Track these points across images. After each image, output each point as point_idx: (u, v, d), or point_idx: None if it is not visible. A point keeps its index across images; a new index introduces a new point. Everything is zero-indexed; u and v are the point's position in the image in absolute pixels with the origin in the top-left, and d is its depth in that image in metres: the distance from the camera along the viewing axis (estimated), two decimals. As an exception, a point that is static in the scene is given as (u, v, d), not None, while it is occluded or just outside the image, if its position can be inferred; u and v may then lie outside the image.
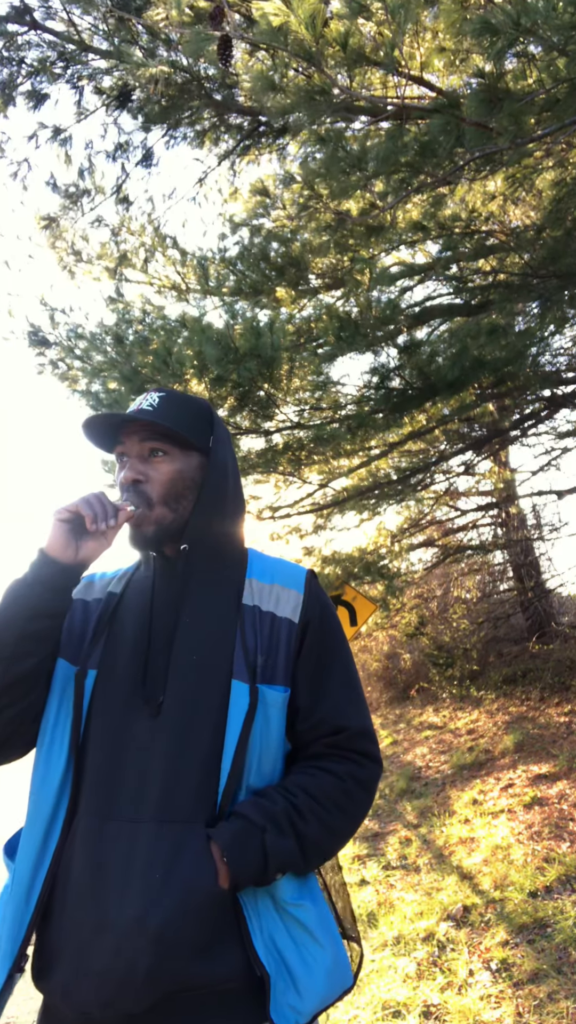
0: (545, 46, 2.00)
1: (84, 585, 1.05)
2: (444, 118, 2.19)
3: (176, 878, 0.79)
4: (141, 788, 0.84)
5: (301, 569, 1.04)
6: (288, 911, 0.86)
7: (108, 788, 0.85)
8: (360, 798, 0.93)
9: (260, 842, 0.82)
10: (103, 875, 0.80)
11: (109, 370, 3.80)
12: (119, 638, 0.95)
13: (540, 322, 3.94)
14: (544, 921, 2.48)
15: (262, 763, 0.89)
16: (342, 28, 1.99)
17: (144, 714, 0.87)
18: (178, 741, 0.86)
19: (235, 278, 4.15)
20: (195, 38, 1.68)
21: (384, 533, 7.16)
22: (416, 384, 3.91)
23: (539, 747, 4.78)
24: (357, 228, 3.36)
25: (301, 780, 0.90)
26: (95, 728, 0.89)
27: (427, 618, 8.76)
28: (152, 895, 0.77)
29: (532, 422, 5.91)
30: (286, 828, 0.84)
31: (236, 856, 0.81)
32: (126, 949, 0.75)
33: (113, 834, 0.82)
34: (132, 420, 0.97)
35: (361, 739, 0.95)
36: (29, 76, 3.98)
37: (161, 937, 0.76)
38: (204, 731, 0.87)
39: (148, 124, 4.07)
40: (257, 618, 0.95)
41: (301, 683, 0.94)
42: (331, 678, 0.97)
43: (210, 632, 0.93)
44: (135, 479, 0.96)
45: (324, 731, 0.94)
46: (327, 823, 0.88)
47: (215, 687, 0.89)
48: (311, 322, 3.85)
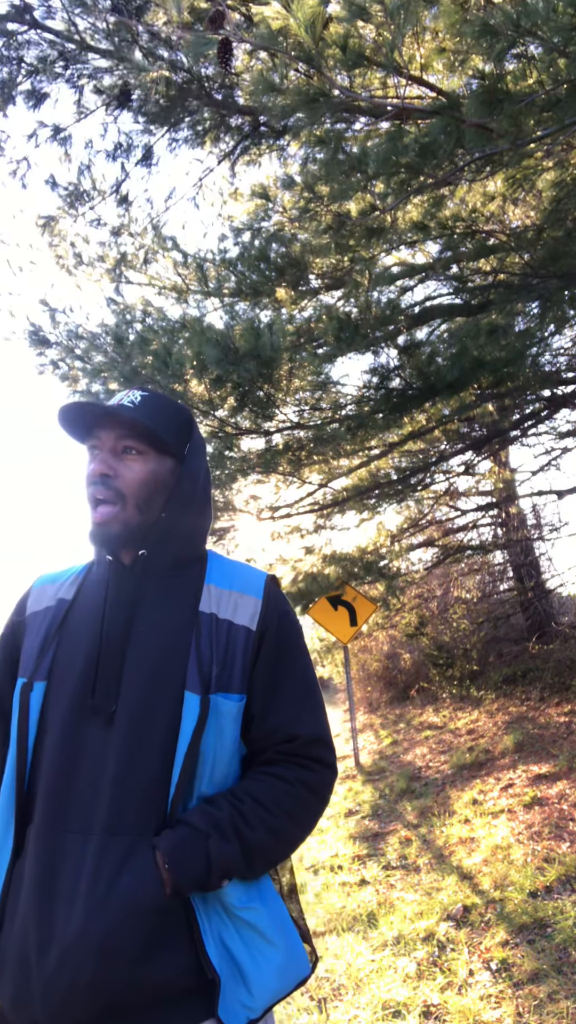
0: (545, 47, 2.00)
1: (36, 593, 1.03)
2: (444, 119, 2.19)
3: (119, 889, 0.80)
4: (92, 800, 0.84)
5: (261, 574, 1.03)
6: (237, 914, 0.87)
7: (60, 800, 0.85)
8: (310, 803, 0.93)
9: (203, 848, 0.83)
10: (51, 888, 0.81)
11: (109, 370, 3.81)
12: (70, 647, 0.93)
13: (540, 322, 3.95)
14: (544, 921, 2.49)
15: (215, 772, 0.89)
16: (341, 30, 1.99)
17: (95, 725, 0.87)
18: (129, 753, 0.85)
19: (235, 279, 4.15)
20: (195, 41, 1.68)
21: (384, 533, 7.17)
22: (416, 384, 3.92)
23: (539, 747, 4.78)
24: (357, 229, 3.36)
25: (249, 786, 0.90)
26: (46, 740, 0.88)
27: (427, 618, 8.76)
28: (95, 907, 0.78)
29: (532, 422, 5.92)
30: (230, 834, 0.85)
31: (177, 863, 0.82)
32: (69, 961, 0.77)
33: (64, 846, 0.82)
34: (110, 414, 0.95)
35: (314, 746, 0.95)
36: (29, 75, 3.98)
37: (102, 948, 0.77)
38: (155, 743, 0.86)
39: (148, 124, 4.07)
40: (214, 626, 0.94)
41: (256, 691, 0.93)
42: (286, 686, 0.96)
43: (163, 642, 0.92)
44: (104, 472, 0.94)
45: (277, 738, 0.94)
46: (274, 828, 0.88)
47: (167, 698, 0.88)
48: (311, 323, 3.86)
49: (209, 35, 1.71)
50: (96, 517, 0.93)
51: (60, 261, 4.91)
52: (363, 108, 2.89)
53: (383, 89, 3.31)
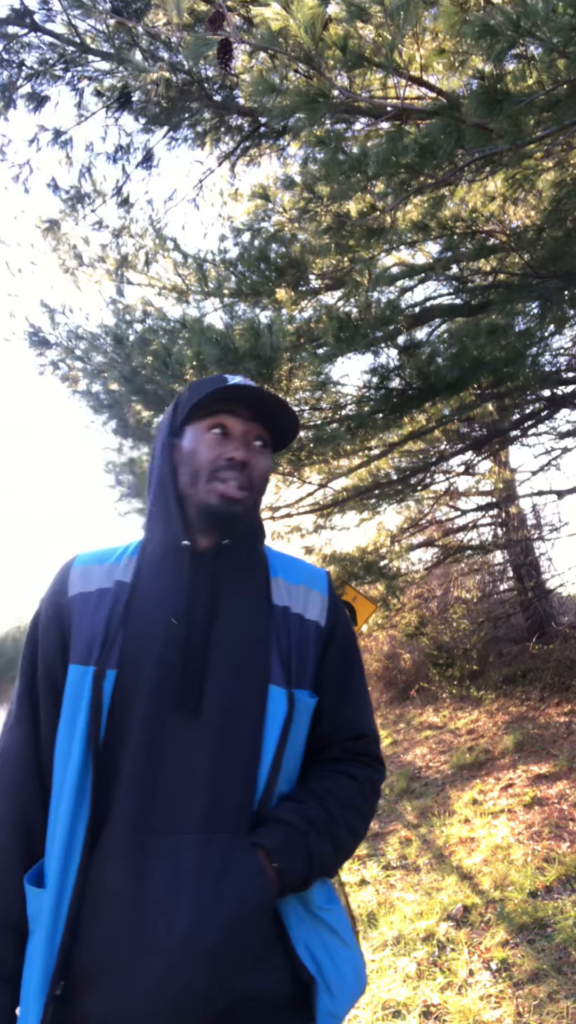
0: (545, 47, 2.00)
1: (80, 573, 0.94)
2: (444, 119, 2.20)
3: (227, 891, 0.75)
4: (182, 798, 0.79)
5: (320, 570, 1.03)
6: (318, 916, 0.85)
7: (144, 798, 0.79)
8: (373, 802, 0.94)
9: (305, 847, 0.81)
10: (144, 891, 0.75)
11: (109, 371, 3.81)
12: (142, 634, 0.87)
13: (540, 322, 3.95)
14: (544, 921, 2.49)
15: (292, 768, 0.89)
16: (341, 31, 1.99)
17: (179, 719, 0.82)
18: (222, 748, 0.82)
19: (235, 279, 4.16)
20: (195, 42, 1.69)
21: (384, 533, 7.17)
22: (416, 384, 3.92)
23: (539, 747, 4.78)
24: (357, 229, 3.37)
25: (327, 784, 0.89)
26: (121, 734, 0.82)
27: (427, 618, 8.76)
28: (204, 910, 0.74)
29: (532, 422, 5.92)
30: (324, 832, 0.84)
31: (285, 862, 0.79)
32: (179, 968, 0.71)
33: (154, 847, 0.77)
34: (278, 407, 0.92)
35: (375, 744, 0.97)
36: (29, 78, 3.99)
37: (216, 953, 0.72)
38: (245, 738, 0.83)
39: (148, 126, 4.07)
40: (288, 620, 0.93)
41: (325, 688, 0.93)
42: (353, 683, 0.97)
43: (247, 633, 0.89)
44: (245, 460, 0.91)
45: (344, 736, 0.94)
46: (352, 827, 0.89)
47: (253, 692, 0.85)
48: (311, 322, 3.86)
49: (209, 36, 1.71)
50: (229, 490, 0.89)
51: (62, 264, 4.92)
52: (363, 109, 2.89)
53: (383, 89, 3.32)
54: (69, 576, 0.94)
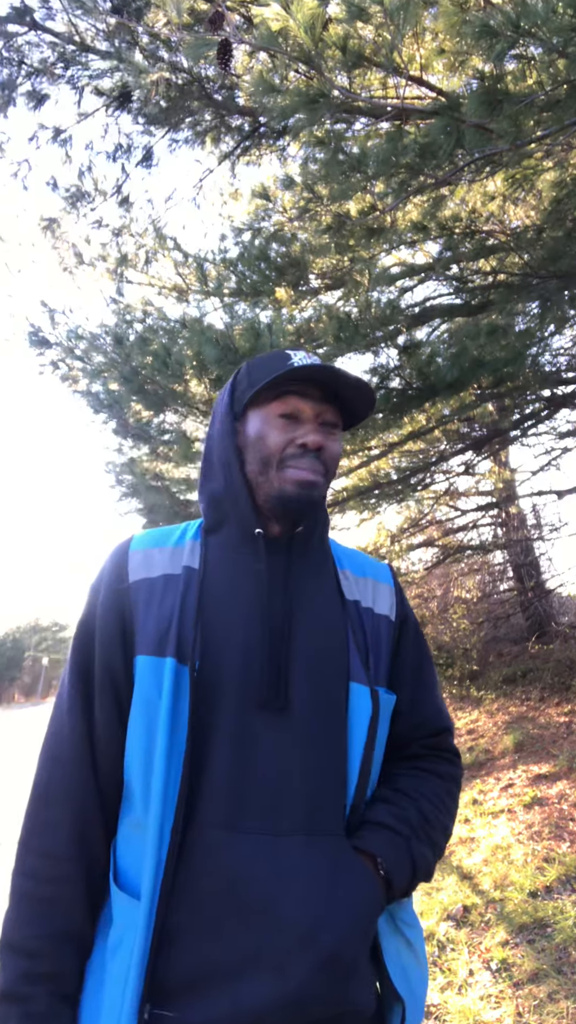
0: (545, 48, 2.00)
1: (139, 557, 0.87)
2: (444, 120, 2.20)
3: (341, 894, 0.71)
4: (276, 797, 0.74)
5: (384, 564, 1.00)
6: (403, 931, 0.80)
7: (236, 798, 0.74)
8: (458, 795, 0.91)
9: (408, 852, 0.78)
10: (246, 894, 0.70)
11: (109, 370, 3.81)
12: (220, 624, 0.81)
13: (540, 322, 3.95)
14: (544, 921, 2.49)
15: (377, 769, 0.85)
16: (341, 31, 1.99)
17: (266, 717, 0.77)
18: (313, 747, 0.77)
19: (235, 279, 4.16)
20: (195, 42, 1.69)
21: (384, 533, 7.17)
22: (416, 384, 3.92)
23: (539, 747, 4.78)
24: (357, 229, 3.37)
25: (416, 784, 0.86)
26: (206, 730, 0.76)
27: (427, 618, 8.76)
28: (320, 913, 0.69)
29: (532, 422, 5.92)
30: (423, 836, 0.80)
31: (392, 868, 0.76)
32: (294, 974, 0.67)
33: (249, 848, 0.71)
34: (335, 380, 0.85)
35: (452, 738, 0.94)
36: (29, 76, 3.99)
37: (335, 960, 0.68)
38: (332, 737, 0.79)
39: (148, 125, 4.07)
40: (361, 614, 0.89)
41: (402, 684, 0.89)
42: (428, 677, 0.93)
43: (325, 627, 0.84)
44: (321, 445, 0.85)
45: (425, 732, 0.91)
46: (445, 828, 0.85)
47: (337, 690, 0.81)
48: (311, 323, 3.86)
49: (209, 36, 1.71)
50: (305, 476, 0.83)
51: (61, 262, 4.92)
52: (363, 109, 2.89)
53: (383, 89, 3.31)
54: (128, 561, 0.87)
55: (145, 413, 4.19)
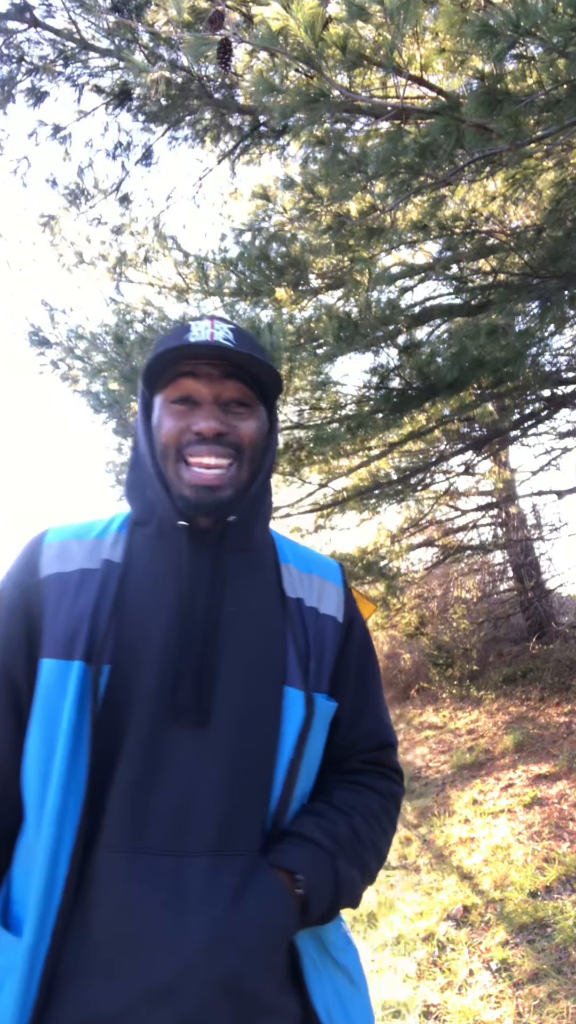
0: (545, 47, 2.00)
1: (55, 549, 0.78)
2: (444, 119, 2.19)
3: (247, 912, 0.64)
4: (184, 816, 0.67)
5: (333, 561, 0.91)
6: (334, 956, 0.74)
7: (138, 818, 0.66)
8: (396, 816, 0.84)
9: (332, 871, 0.70)
10: (139, 923, 0.62)
11: (109, 370, 3.81)
12: (136, 625, 0.73)
13: (540, 322, 3.95)
14: (544, 921, 2.49)
15: (308, 782, 0.77)
16: (341, 31, 1.99)
17: (183, 724, 0.70)
18: (233, 758, 0.70)
19: (235, 279, 4.16)
20: (195, 41, 1.68)
21: (384, 533, 7.18)
22: (416, 384, 3.92)
23: (539, 747, 4.78)
24: (357, 229, 3.37)
25: (350, 799, 0.78)
26: (112, 743, 0.69)
27: (427, 618, 8.76)
28: (220, 932, 0.62)
29: (532, 422, 5.92)
30: (351, 855, 0.73)
31: (311, 888, 0.68)
32: (186, 1000, 0.60)
33: (147, 871, 0.64)
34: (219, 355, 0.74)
35: (395, 755, 0.87)
36: (29, 74, 3.99)
37: (236, 982, 0.61)
38: (258, 747, 0.72)
39: (148, 123, 4.07)
40: (303, 613, 0.80)
41: (343, 692, 0.82)
42: (372, 688, 0.86)
43: (259, 627, 0.77)
44: (221, 431, 0.75)
45: (365, 746, 0.83)
46: (377, 848, 0.77)
47: (268, 696, 0.74)
48: (311, 322, 3.86)
49: (209, 35, 1.71)
50: (206, 478, 0.74)
51: (60, 260, 4.91)
52: (363, 108, 2.89)
53: (383, 89, 3.31)
54: (41, 553, 0.78)
55: (145, 413, 4.18)
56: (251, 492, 0.80)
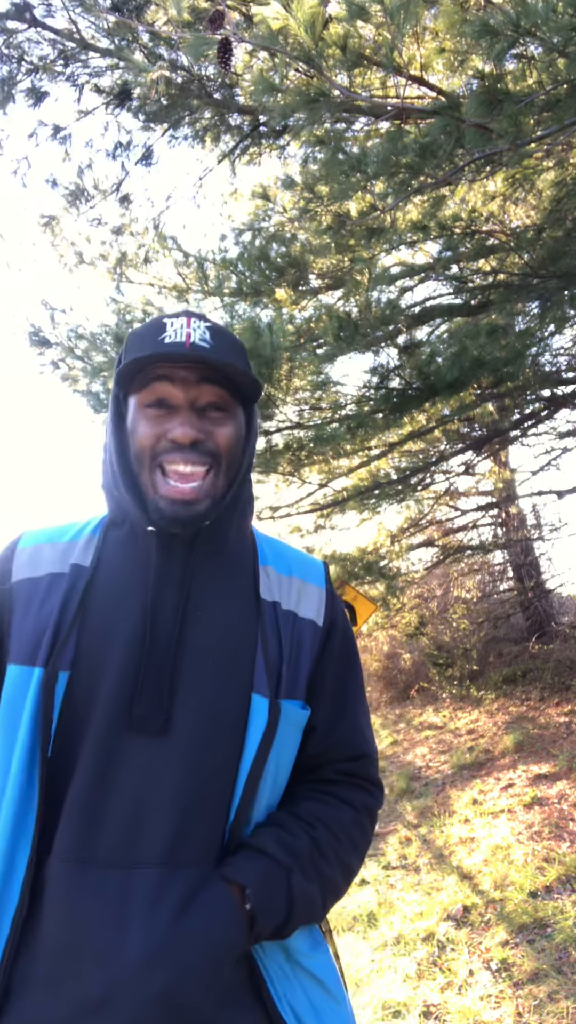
0: (545, 47, 2.00)
1: (27, 554, 0.78)
2: (444, 119, 2.19)
3: (189, 926, 0.62)
4: (136, 827, 0.65)
5: (317, 560, 0.88)
6: (302, 965, 0.71)
7: (88, 827, 0.65)
8: (370, 831, 0.80)
9: (286, 887, 0.68)
10: (83, 935, 0.62)
11: (109, 370, 3.81)
12: (101, 631, 0.72)
13: (540, 322, 3.95)
14: (544, 921, 2.49)
15: (273, 793, 0.75)
16: (341, 30, 1.99)
17: (142, 732, 0.68)
18: (191, 769, 0.68)
19: (235, 279, 4.16)
20: (195, 41, 1.68)
21: (384, 533, 7.18)
22: (416, 384, 3.92)
23: (539, 747, 4.78)
24: (357, 229, 3.37)
25: (317, 810, 0.75)
26: (69, 752, 0.68)
27: (427, 618, 8.76)
28: (158, 945, 0.60)
29: (532, 422, 5.92)
30: (310, 870, 0.70)
31: (260, 904, 0.65)
32: (121, 1015, 0.59)
33: (95, 883, 0.63)
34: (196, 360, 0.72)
35: (374, 766, 0.83)
36: (29, 74, 3.99)
37: (172, 996, 0.60)
38: (219, 757, 0.70)
39: (148, 123, 4.07)
40: (278, 618, 0.78)
41: (319, 699, 0.79)
42: (352, 695, 0.83)
43: (227, 632, 0.75)
44: (197, 439, 0.73)
45: (340, 756, 0.80)
46: (345, 863, 0.75)
47: (233, 704, 0.72)
48: (311, 322, 3.86)
49: (209, 35, 1.71)
50: (183, 493, 0.72)
51: (61, 260, 4.92)
52: (363, 108, 2.89)
53: (383, 89, 3.31)
54: (14, 558, 0.78)
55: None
56: (227, 497, 0.78)
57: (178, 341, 0.73)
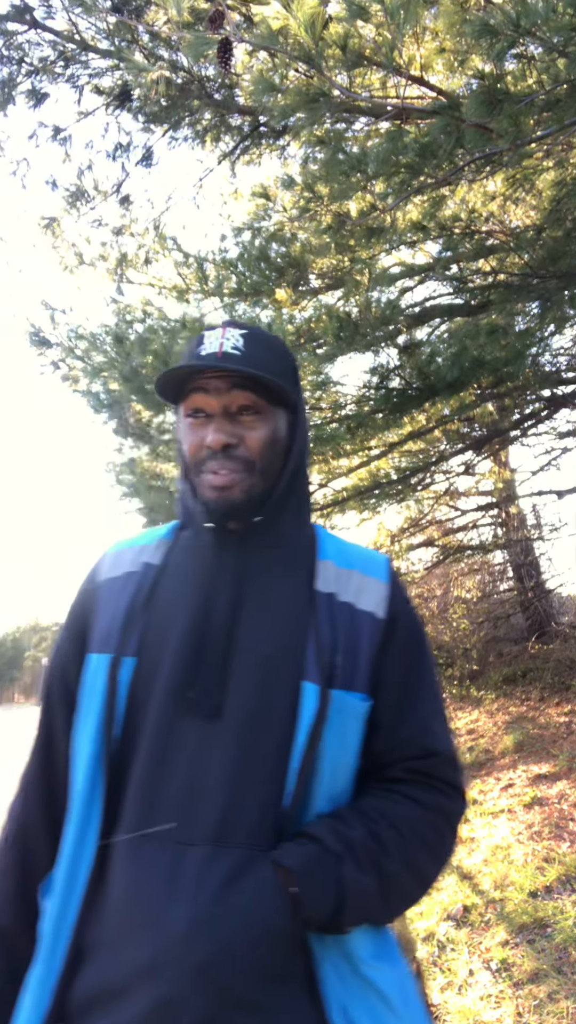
0: (545, 47, 2.00)
1: (111, 558, 0.88)
2: (444, 119, 2.19)
3: (230, 906, 0.64)
4: (190, 804, 0.69)
5: (381, 555, 0.89)
6: (363, 972, 0.69)
7: (148, 805, 0.70)
8: (447, 838, 0.76)
9: (336, 874, 0.67)
10: (140, 906, 0.66)
11: (109, 370, 3.81)
12: (162, 620, 0.78)
13: (540, 322, 3.95)
14: (544, 921, 2.49)
15: (334, 784, 0.74)
16: (341, 30, 1.99)
17: (196, 716, 0.72)
18: (241, 751, 0.71)
19: (235, 279, 4.16)
20: (195, 41, 1.68)
21: (384, 533, 7.18)
22: (416, 384, 3.92)
23: (539, 747, 4.78)
24: (357, 229, 3.37)
25: (380, 805, 0.74)
26: (134, 732, 0.74)
27: (427, 618, 8.76)
28: (200, 919, 0.63)
29: (532, 422, 5.92)
30: (366, 862, 0.69)
31: (308, 886, 0.66)
32: (165, 986, 0.62)
33: (151, 857, 0.68)
34: (220, 369, 0.76)
35: (450, 767, 0.79)
36: (29, 75, 3.99)
37: (209, 970, 0.62)
38: (270, 741, 0.72)
39: (148, 124, 4.08)
40: (334, 608, 0.78)
41: (384, 693, 0.78)
42: (420, 690, 0.80)
43: (279, 621, 0.77)
44: (228, 443, 0.78)
45: (409, 754, 0.78)
46: (413, 862, 0.72)
47: (283, 690, 0.73)
48: (311, 322, 3.86)
49: (209, 35, 1.71)
50: (216, 480, 0.78)
51: (61, 261, 4.92)
52: (363, 108, 2.89)
53: (383, 89, 3.31)
54: (102, 563, 0.88)
55: (145, 413, 4.19)
56: (275, 493, 0.82)
57: (211, 352, 0.78)
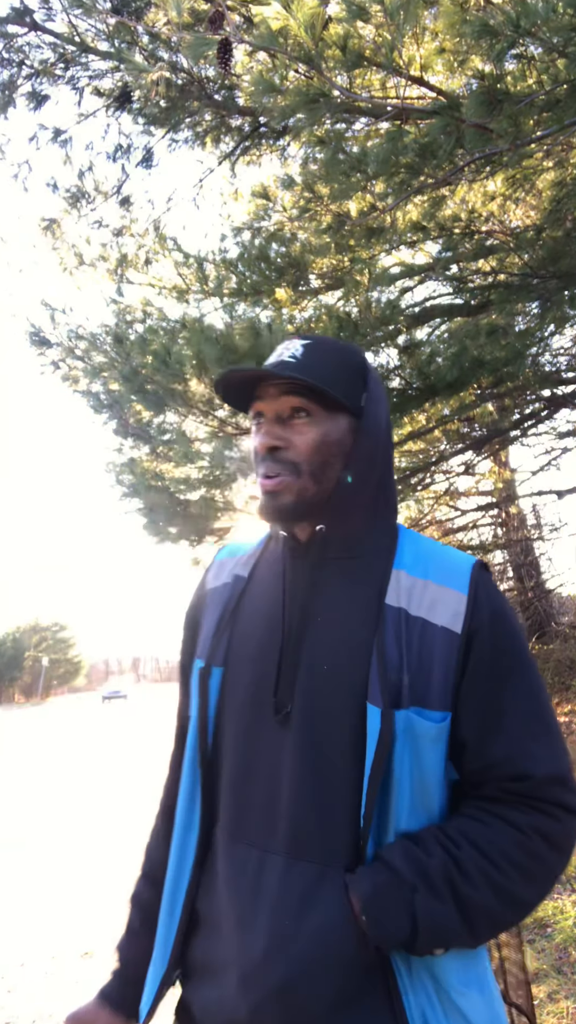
0: (545, 47, 2.01)
1: (216, 566, 0.94)
2: (444, 120, 2.20)
3: (307, 928, 0.66)
4: (269, 811, 0.73)
5: (467, 559, 0.80)
6: (450, 997, 0.67)
7: (237, 803, 0.76)
8: (549, 859, 0.71)
9: (407, 904, 0.66)
10: (233, 902, 0.72)
11: (109, 370, 3.81)
12: (245, 631, 0.82)
13: (540, 322, 3.95)
14: (544, 921, 2.48)
15: (416, 803, 0.71)
16: (341, 31, 1.99)
17: (272, 723, 0.75)
18: (307, 763, 0.72)
19: (235, 279, 4.16)
20: (195, 42, 1.69)
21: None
22: (416, 384, 3.92)
23: (539, 747, 4.78)
24: (357, 229, 3.37)
25: (467, 827, 0.71)
26: (223, 736, 0.80)
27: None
28: (279, 938, 0.67)
29: (532, 422, 5.92)
30: (442, 889, 0.67)
31: (378, 915, 0.65)
32: (252, 990, 0.67)
33: (241, 858, 0.73)
34: (268, 377, 0.79)
35: (553, 787, 0.72)
36: (29, 78, 4.00)
37: (287, 990, 0.65)
38: (337, 756, 0.71)
39: (149, 125, 4.08)
40: (403, 624, 0.75)
41: (466, 711, 0.73)
42: (509, 708, 0.74)
43: (343, 638, 0.75)
44: (273, 446, 0.79)
45: (501, 775, 0.73)
46: (501, 887, 0.68)
47: (347, 708, 0.72)
48: (311, 322, 3.86)
49: (209, 36, 1.72)
50: (266, 485, 0.79)
51: (62, 262, 4.92)
52: (363, 108, 2.90)
53: (383, 89, 3.32)
54: (209, 570, 0.95)
55: (145, 413, 4.19)
56: (336, 499, 0.80)
57: (273, 362, 0.83)
